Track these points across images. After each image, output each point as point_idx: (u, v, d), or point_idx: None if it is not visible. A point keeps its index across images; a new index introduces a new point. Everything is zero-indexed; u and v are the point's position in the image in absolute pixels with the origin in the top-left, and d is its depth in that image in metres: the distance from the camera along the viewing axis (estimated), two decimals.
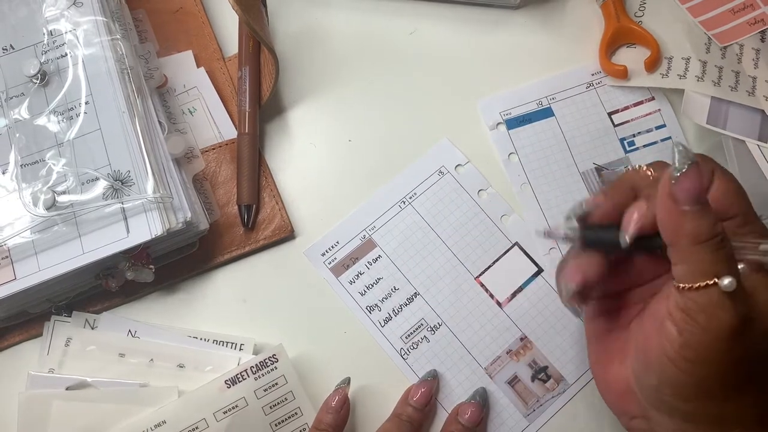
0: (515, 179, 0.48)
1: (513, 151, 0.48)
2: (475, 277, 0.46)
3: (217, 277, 0.46)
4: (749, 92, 0.48)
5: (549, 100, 0.50)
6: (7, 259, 0.40)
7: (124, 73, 0.44)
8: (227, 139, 0.48)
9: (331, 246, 0.46)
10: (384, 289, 0.45)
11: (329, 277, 0.46)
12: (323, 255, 0.46)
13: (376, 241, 0.46)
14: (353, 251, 0.46)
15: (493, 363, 0.44)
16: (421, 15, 0.52)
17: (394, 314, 0.45)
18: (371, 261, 0.46)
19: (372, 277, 0.46)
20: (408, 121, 0.49)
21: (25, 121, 0.43)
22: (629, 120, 0.49)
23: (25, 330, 0.44)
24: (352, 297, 0.45)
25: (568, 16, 0.53)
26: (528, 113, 0.49)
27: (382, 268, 0.46)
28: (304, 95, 0.50)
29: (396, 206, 0.47)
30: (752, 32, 0.50)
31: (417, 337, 0.44)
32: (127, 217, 0.40)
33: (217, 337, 0.43)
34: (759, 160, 0.45)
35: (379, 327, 0.45)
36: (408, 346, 0.44)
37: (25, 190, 0.41)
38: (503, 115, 0.49)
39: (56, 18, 0.45)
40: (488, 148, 0.49)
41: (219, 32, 0.52)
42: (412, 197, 0.47)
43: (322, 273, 0.46)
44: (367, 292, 0.45)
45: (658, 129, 0.49)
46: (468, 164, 0.48)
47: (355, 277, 0.46)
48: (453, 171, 0.48)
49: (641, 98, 0.50)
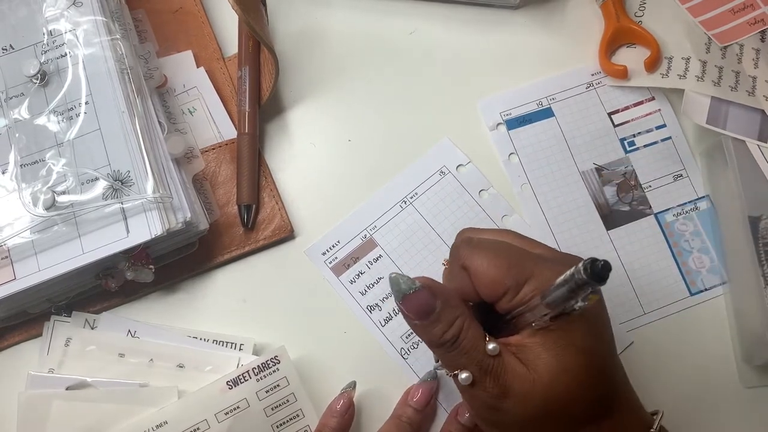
0: (515, 180, 0.48)
1: (513, 151, 0.48)
2: None
3: (217, 277, 0.46)
4: (749, 92, 0.47)
5: (549, 101, 0.50)
6: (7, 259, 0.40)
7: (124, 73, 0.44)
8: (227, 139, 0.48)
9: (332, 245, 0.46)
10: (385, 289, 0.45)
11: (330, 277, 0.46)
12: (324, 254, 0.46)
13: (377, 240, 0.46)
14: (354, 251, 0.46)
15: None
16: (421, 15, 0.52)
17: (395, 314, 0.45)
18: (372, 260, 0.46)
19: (373, 277, 0.46)
20: (408, 121, 0.49)
21: (24, 121, 0.43)
22: (629, 120, 0.49)
23: (24, 330, 0.44)
24: (352, 296, 0.45)
25: (568, 16, 0.53)
26: (528, 113, 0.49)
27: (383, 268, 0.46)
28: (304, 95, 0.50)
29: (397, 206, 0.47)
30: (752, 32, 0.50)
31: (417, 336, 0.44)
32: (127, 217, 0.40)
33: (216, 337, 0.43)
34: (759, 160, 0.45)
35: (379, 326, 0.45)
36: (408, 345, 0.44)
37: (24, 190, 0.41)
38: (503, 116, 0.49)
39: (56, 18, 0.45)
40: (488, 149, 0.49)
41: (219, 32, 0.52)
42: (413, 197, 0.47)
43: (323, 272, 0.46)
44: (367, 291, 0.45)
45: (658, 129, 0.49)
46: (469, 164, 0.48)
47: (356, 277, 0.46)
48: (454, 171, 0.48)
49: (641, 98, 0.50)
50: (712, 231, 0.47)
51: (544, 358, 0.31)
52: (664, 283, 0.46)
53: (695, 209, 0.47)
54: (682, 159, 0.48)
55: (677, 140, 0.49)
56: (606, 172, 0.48)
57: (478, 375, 0.31)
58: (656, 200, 0.47)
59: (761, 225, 0.43)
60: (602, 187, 0.48)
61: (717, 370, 0.44)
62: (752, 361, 0.43)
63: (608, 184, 0.48)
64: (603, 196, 0.47)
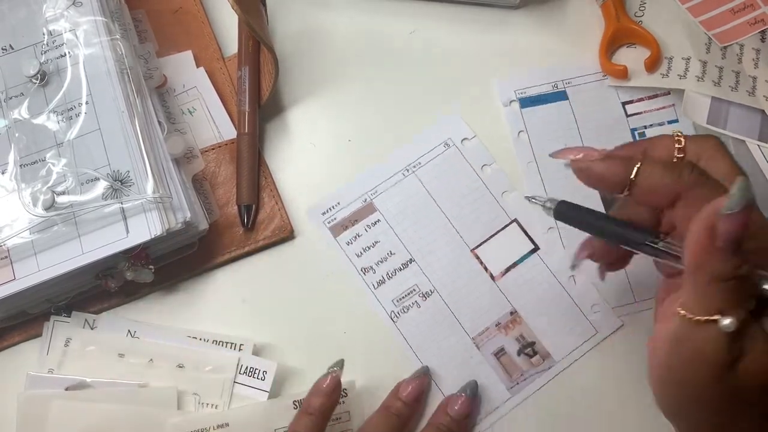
0: (522, 157, 0.48)
1: (523, 129, 0.49)
2: (472, 249, 0.46)
3: (217, 278, 0.46)
4: (749, 92, 0.47)
5: (564, 84, 0.50)
6: (7, 259, 0.40)
7: (124, 73, 0.44)
8: (227, 139, 0.48)
9: (333, 206, 0.47)
10: (380, 253, 0.46)
11: (328, 237, 0.46)
12: (324, 214, 0.47)
13: (376, 205, 0.47)
14: (353, 213, 0.47)
15: (481, 334, 0.44)
16: (421, 15, 0.52)
17: (388, 278, 0.45)
18: (370, 224, 0.47)
19: (369, 240, 0.46)
20: (408, 121, 0.49)
21: (24, 121, 0.43)
22: (642, 111, 0.49)
23: (24, 330, 0.44)
24: (348, 258, 0.46)
25: (568, 16, 0.53)
26: (542, 94, 0.50)
27: (380, 232, 0.46)
28: (304, 95, 0.50)
29: (399, 173, 0.48)
30: (752, 32, 0.50)
31: (408, 301, 0.45)
32: (127, 218, 0.40)
33: (216, 337, 0.43)
34: (759, 160, 0.45)
35: (372, 288, 0.45)
36: (399, 309, 0.45)
37: (24, 190, 0.41)
38: (518, 93, 0.50)
39: (56, 18, 0.45)
40: (500, 126, 0.49)
41: (219, 32, 0.52)
42: (416, 166, 0.48)
43: (321, 231, 0.46)
44: (363, 254, 0.46)
45: (670, 123, 0.49)
46: (474, 138, 0.49)
47: (353, 239, 0.46)
48: (459, 144, 0.48)
49: (656, 91, 0.50)
50: None
51: None
52: None
53: None
54: None
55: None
56: None
57: (741, 326, 0.27)
58: None
59: None
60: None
61: None
62: None
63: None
64: None
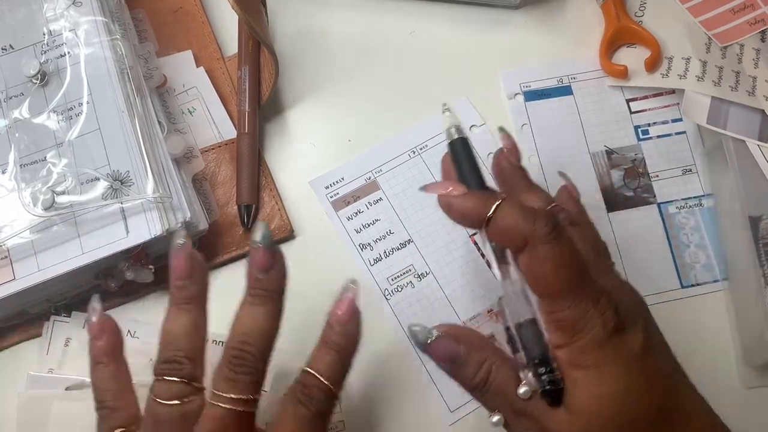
0: (525, 150, 0.48)
1: (527, 122, 0.49)
2: (470, 235, 0.46)
3: (217, 277, 0.46)
4: (749, 92, 0.47)
5: (570, 79, 0.50)
6: (6, 259, 0.40)
7: (124, 73, 0.44)
8: (227, 139, 0.48)
9: (337, 180, 0.48)
10: (380, 231, 0.46)
11: (329, 210, 0.47)
12: (327, 188, 0.47)
13: (380, 183, 0.47)
14: (356, 189, 0.47)
15: (472, 319, 0.45)
16: (421, 15, 0.52)
17: (385, 256, 0.46)
18: (372, 202, 0.47)
19: (370, 217, 0.47)
20: (408, 121, 0.49)
21: (24, 121, 0.43)
22: (647, 109, 0.50)
23: (24, 330, 0.44)
24: (347, 233, 0.46)
25: (569, 16, 0.53)
26: (547, 88, 0.50)
27: (381, 211, 0.47)
28: (304, 95, 0.50)
29: (406, 154, 0.48)
30: (752, 32, 0.50)
31: (403, 281, 0.45)
32: (127, 217, 0.40)
33: (216, 337, 0.43)
34: (759, 160, 0.45)
35: (368, 265, 0.46)
36: (393, 287, 0.45)
37: (24, 190, 0.41)
38: (522, 87, 0.50)
39: (56, 18, 0.45)
40: (503, 120, 0.49)
41: (219, 32, 0.52)
42: (423, 148, 0.48)
43: (323, 205, 0.47)
44: (362, 230, 0.46)
45: (674, 122, 0.49)
46: (483, 126, 0.49)
47: (354, 215, 0.47)
48: (467, 130, 0.48)
49: (661, 90, 0.50)
50: (713, 229, 0.47)
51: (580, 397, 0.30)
52: (656, 271, 0.46)
53: (699, 206, 0.47)
54: (693, 155, 0.49)
55: (691, 136, 0.49)
56: (616, 156, 0.48)
57: (512, 417, 0.31)
58: (662, 191, 0.48)
59: (761, 225, 0.43)
60: (610, 170, 0.48)
61: (716, 370, 0.44)
62: (752, 361, 0.43)
63: (616, 168, 0.48)
64: (609, 179, 0.48)
